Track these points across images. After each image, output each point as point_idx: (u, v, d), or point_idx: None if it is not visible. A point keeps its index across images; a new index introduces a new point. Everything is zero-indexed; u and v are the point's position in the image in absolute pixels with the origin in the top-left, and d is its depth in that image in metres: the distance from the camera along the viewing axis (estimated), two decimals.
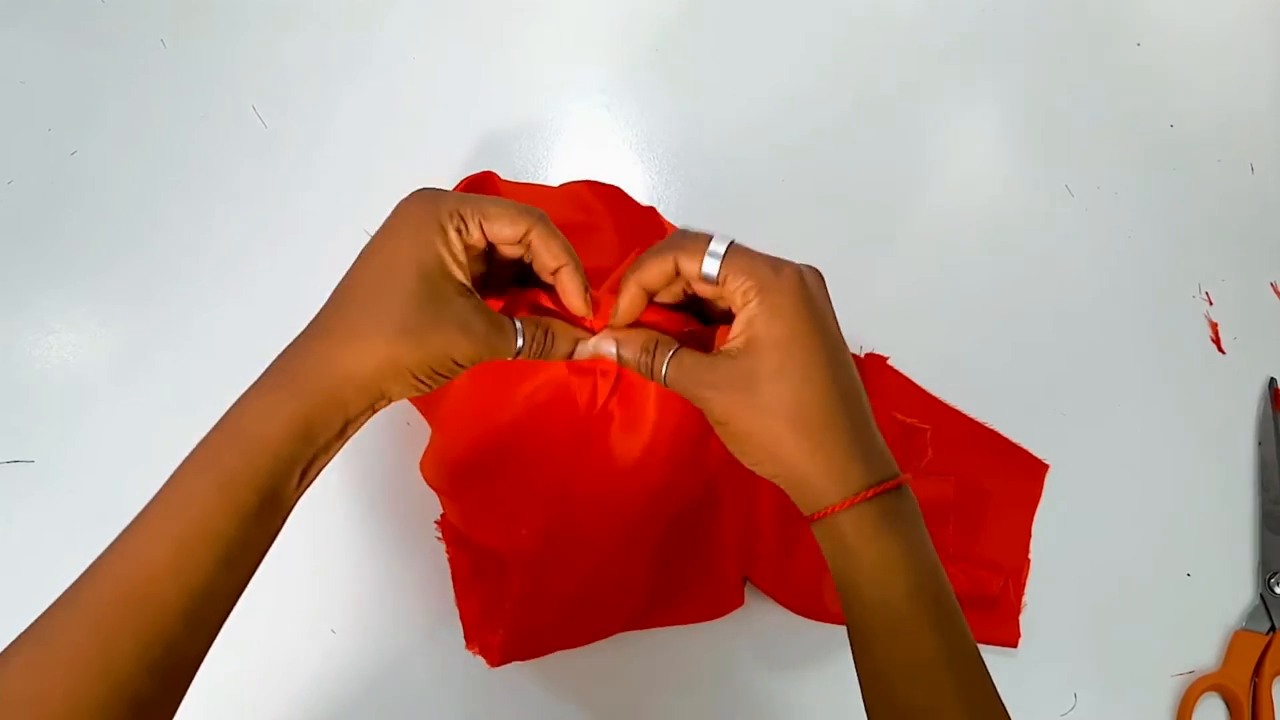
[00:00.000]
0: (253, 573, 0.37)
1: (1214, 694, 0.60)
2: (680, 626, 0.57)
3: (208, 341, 0.62)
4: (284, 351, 0.38)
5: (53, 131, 0.66)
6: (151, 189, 0.66)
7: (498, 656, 0.54)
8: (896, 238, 0.67)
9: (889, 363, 0.63)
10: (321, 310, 0.39)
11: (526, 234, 0.40)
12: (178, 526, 0.34)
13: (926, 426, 0.59)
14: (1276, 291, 0.68)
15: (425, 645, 0.57)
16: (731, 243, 0.39)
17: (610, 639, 0.56)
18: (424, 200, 0.39)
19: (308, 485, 0.38)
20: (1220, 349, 0.67)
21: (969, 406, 0.63)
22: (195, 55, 0.69)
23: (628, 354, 0.42)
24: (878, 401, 0.60)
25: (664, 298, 0.42)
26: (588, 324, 0.43)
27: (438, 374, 0.38)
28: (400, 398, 0.39)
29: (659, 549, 0.54)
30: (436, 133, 0.67)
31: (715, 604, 0.57)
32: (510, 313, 0.42)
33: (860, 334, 0.63)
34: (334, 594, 0.57)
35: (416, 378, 0.38)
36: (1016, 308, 0.66)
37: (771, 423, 0.37)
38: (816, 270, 0.40)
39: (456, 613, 0.56)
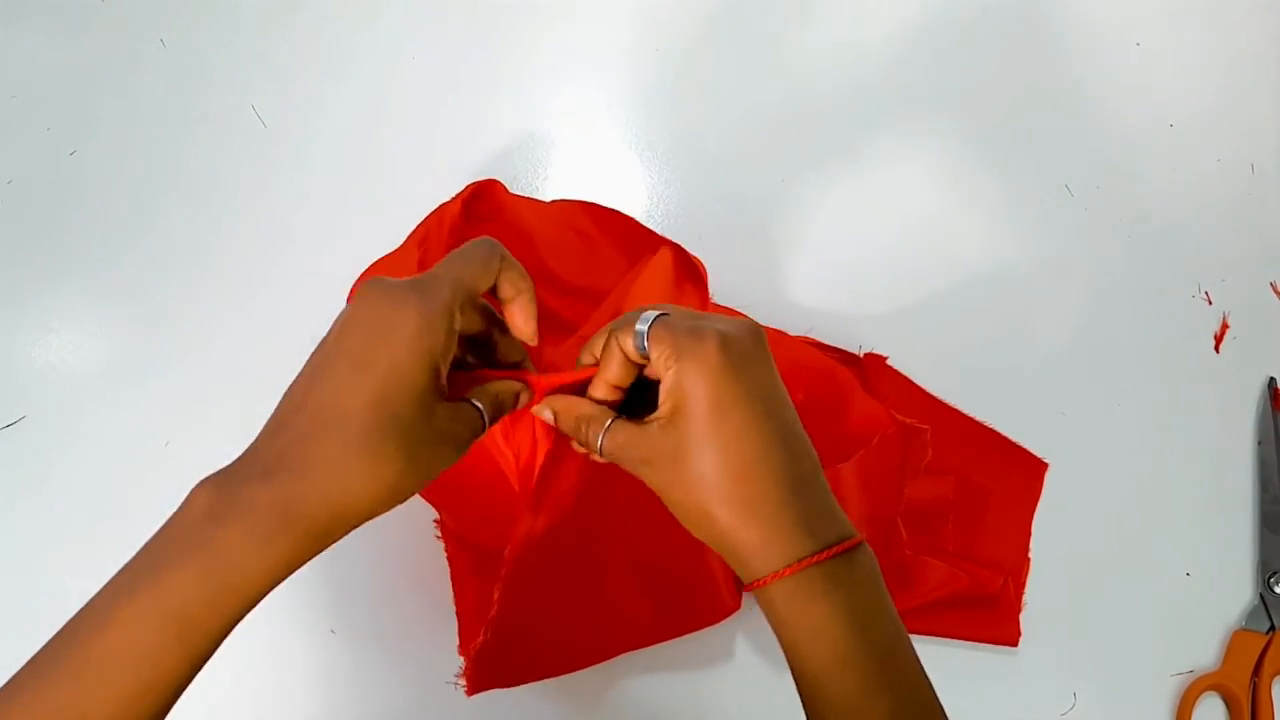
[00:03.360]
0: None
1: (1214, 694, 0.60)
2: None
3: (207, 340, 0.62)
4: (252, 466, 0.34)
5: (52, 131, 0.66)
6: (151, 189, 0.66)
7: (471, 682, 0.52)
8: (896, 237, 0.67)
9: (889, 363, 0.63)
10: (299, 428, 0.34)
11: (500, 267, 0.39)
12: (127, 678, 0.31)
13: (926, 426, 0.59)
14: (1276, 291, 0.68)
15: (424, 645, 0.57)
16: (659, 315, 0.38)
17: None
18: (427, 298, 0.36)
19: None
20: (1219, 349, 0.67)
21: (969, 406, 0.63)
22: (195, 55, 0.69)
23: (565, 426, 0.41)
24: (878, 402, 0.61)
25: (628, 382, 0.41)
26: (531, 379, 0.41)
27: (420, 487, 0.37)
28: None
29: (641, 564, 0.52)
30: (436, 133, 0.67)
31: (709, 610, 0.55)
32: (460, 393, 0.39)
33: (860, 334, 0.63)
34: (334, 594, 0.57)
35: (404, 500, 0.36)
36: (1016, 307, 0.66)
37: (700, 495, 0.36)
38: (750, 326, 0.38)
39: (455, 611, 0.56)
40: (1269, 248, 0.69)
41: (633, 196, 0.67)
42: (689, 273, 0.57)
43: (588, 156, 0.68)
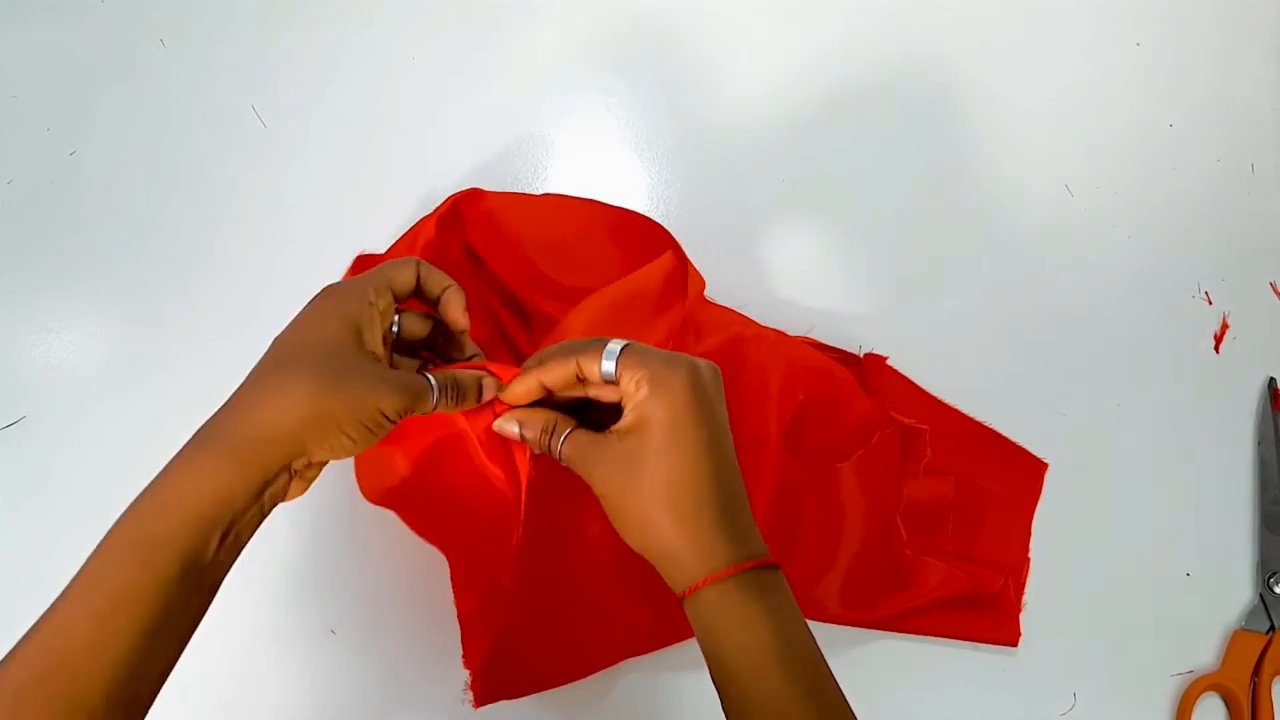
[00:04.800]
0: (181, 646, 0.38)
1: (1213, 694, 0.60)
2: None
3: (207, 341, 0.62)
4: (215, 412, 0.40)
5: (52, 131, 0.66)
6: (151, 189, 0.65)
7: (478, 695, 0.52)
8: (896, 238, 0.67)
9: (889, 363, 0.63)
10: (249, 374, 0.41)
11: (418, 271, 0.45)
12: (97, 598, 0.35)
13: (925, 427, 0.59)
14: (1276, 291, 0.68)
15: (424, 645, 0.57)
16: (626, 344, 0.42)
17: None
18: (342, 286, 0.44)
19: (231, 554, 0.39)
20: (1219, 349, 0.67)
21: (969, 406, 0.63)
22: (194, 55, 0.69)
23: (529, 434, 0.44)
24: (878, 401, 0.61)
25: (561, 396, 0.45)
26: (493, 368, 0.45)
27: (367, 428, 0.40)
28: (325, 458, 0.40)
29: (631, 572, 0.50)
30: (436, 132, 0.67)
31: None
32: None
33: (860, 334, 0.63)
34: (334, 594, 0.57)
35: (346, 433, 0.39)
36: (1016, 308, 0.66)
37: (645, 500, 0.40)
38: (714, 367, 0.43)
39: (455, 612, 0.56)
40: (1269, 248, 0.69)
41: (633, 196, 0.67)
42: (677, 285, 0.57)
43: (587, 157, 0.68)
